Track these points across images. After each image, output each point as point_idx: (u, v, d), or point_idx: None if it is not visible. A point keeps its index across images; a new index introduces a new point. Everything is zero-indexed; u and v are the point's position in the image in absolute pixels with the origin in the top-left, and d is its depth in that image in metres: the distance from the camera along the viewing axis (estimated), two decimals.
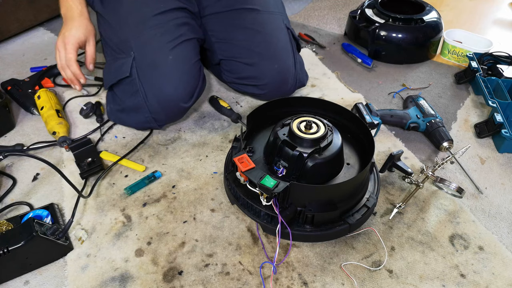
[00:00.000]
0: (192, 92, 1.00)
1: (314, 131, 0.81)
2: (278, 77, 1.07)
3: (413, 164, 1.00)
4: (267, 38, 1.06)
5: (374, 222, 0.86)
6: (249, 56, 1.06)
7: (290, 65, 1.09)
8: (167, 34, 0.97)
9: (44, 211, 0.80)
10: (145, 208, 0.87)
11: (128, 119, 1.03)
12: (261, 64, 1.06)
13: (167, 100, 0.96)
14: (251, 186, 0.80)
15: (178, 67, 0.97)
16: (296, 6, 1.81)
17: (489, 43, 1.39)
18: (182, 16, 1.01)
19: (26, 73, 1.27)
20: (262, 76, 1.07)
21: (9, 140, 1.04)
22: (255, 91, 1.11)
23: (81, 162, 0.94)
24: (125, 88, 0.99)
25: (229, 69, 1.11)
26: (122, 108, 1.02)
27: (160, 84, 0.95)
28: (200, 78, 1.03)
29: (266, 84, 1.08)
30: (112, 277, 0.74)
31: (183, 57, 0.99)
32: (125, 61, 0.97)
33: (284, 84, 1.09)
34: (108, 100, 1.07)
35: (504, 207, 0.91)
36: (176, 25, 0.99)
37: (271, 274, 0.75)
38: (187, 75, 0.99)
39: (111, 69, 1.01)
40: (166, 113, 0.99)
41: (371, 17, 1.44)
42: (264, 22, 1.06)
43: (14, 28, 1.45)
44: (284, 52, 1.08)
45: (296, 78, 1.11)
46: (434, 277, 0.76)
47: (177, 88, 0.97)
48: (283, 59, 1.07)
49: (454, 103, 1.23)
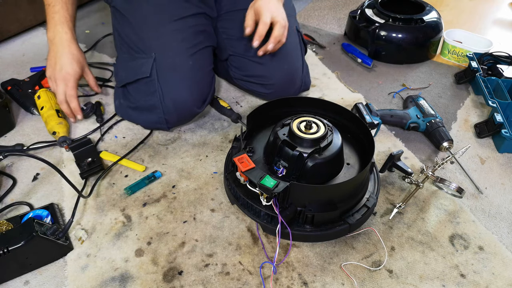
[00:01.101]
0: (205, 98, 1.04)
1: (314, 131, 0.81)
2: (286, 78, 1.08)
3: (413, 164, 1.00)
4: None
5: (374, 222, 0.86)
6: None
7: (299, 67, 1.10)
8: (186, 40, 1.00)
9: (44, 211, 0.80)
10: (145, 208, 0.87)
11: (139, 117, 1.05)
12: (271, 64, 1.06)
13: (183, 103, 0.99)
14: (251, 186, 0.80)
15: (196, 73, 1.00)
16: (296, 6, 1.79)
17: (489, 43, 1.39)
18: (200, 23, 1.03)
19: (26, 73, 1.27)
20: (270, 76, 1.08)
21: (9, 140, 1.04)
22: (261, 89, 1.12)
23: (81, 162, 0.94)
24: (141, 87, 1.00)
25: (237, 66, 1.12)
26: (135, 106, 1.03)
27: (178, 88, 0.98)
28: (213, 86, 1.07)
29: (274, 84, 1.08)
30: (112, 277, 0.74)
31: (201, 64, 1.02)
32: (145, 62, 0.98)
33: (291, 86, 1.10)
34: (118, 95, 1.08)
35: (504, 207, 0.91)
36: (195, 32, 1.02)
37: (271, 274, 0.75)
38: (202, 81, 1.02)
39: (128, 67, 1.02)
40: (178, 116, 1.01)
41: (371, 17, 1.44)
42: None
43: (14, 28, 1.45)
44: (294, 53, 1.09)
45: (302, 81, 1.12)
46: (434, 277, 0.76)
47: (192, 93, 0.99)
48: (293, 60, 1.09)
49: (454, 103, 1.23)
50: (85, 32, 1.51)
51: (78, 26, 1.05)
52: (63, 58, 0.98)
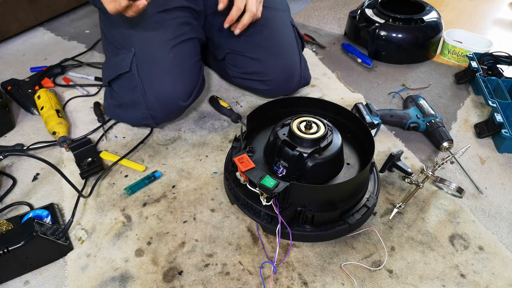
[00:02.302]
0: (191, 91, 1.01)
1: (314, 131, 0.81)
2: (284, 73, 1.07)
3: (413, 164, 1.00)
4: (274, 33, 1.06)
5: (374, 222, 0.86)
6: (256, 50, 1.06)
7: (296, 62, 1.09)
8: (168, 32, 0.97)
9: (44, 211, 0.80)
10: (145, 208, 0.87)
11: (125, 114, 1.03)
12: (268, 60, 1.06)
13: (166, 97, 0.96)
14: (251, 186, 0.80)
15: (178, 65, 0.97)
16: (296, 6, 1.81)
17: (489, 43, 1.39)
18: (184, 15, 1.01)
19: (26, 73, 1.27)
20: (268, 71, 1.07)
21: (9, 140, 1.04)
22: (260, 86, 1.11)
23: (81, 162, 0.94)
24: (124, 83, 0.98)
25: (234, 64, 1.11)
26: (119, 103, 1.01)
27: (159, 81, 0.95)
28: (200, 78, 1.04)
29: (272, 80, 1.07)
30: (112, 277, 0.74)
31: (184, 55, 0.99)
32: (125, 56, 0.96)
33: (290, 81, 1.09)
34: (106, 96, 1.06)
35: (504, 207, 0.91)
36: (178, 24, 0.99)
37: (271, 274, 0.75)
38: (187, 73, 0.99)
39: (111, 64, 1.01)
40: (163, 111, 0.98)
41: (371, 17, 1.44)
42: (271, 18, 1.06)
43: (14, 28, 1.45)
44: (291, 48, 1.08)
45: (301, 76, 1.11)
46: (434, 277, 0.76)
47: (176, 86, 0.97)
48: (289, 55, 1.08)
49: (454, 103, 1.23)
50: (85, 32, 1.51)
51: (78, 26, 1.05)
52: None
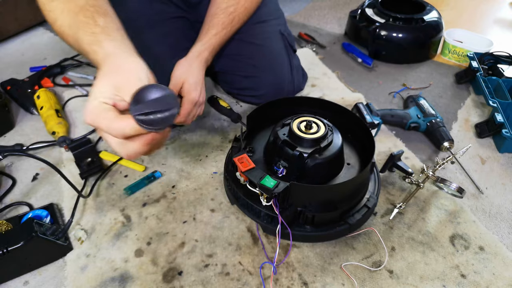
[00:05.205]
0: None
1: (314, 131, 0.81)
2: (274, 87, 1.08)
3: (413, 164, 1.00)
4: (261, 49, 1.06)
5: (374, 222, 0.86)
6: (244, 68, 1.06)
7: (286, 73, 1.09)
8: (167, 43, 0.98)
9: (44, 211, 0.80)
10: (144, 208, 0.87)
11: None
12: (257, 76, 1.06)
13: None
14: (251, 186, 0.80)
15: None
16: (296, 5, 1.80)
17: (490, 42, 1.39)
18: (180, 26, 1.02)
19: (26, 73, 1.27)
20: (258, 87, 1.08)
21: (8, 140, 1.04)
22: (253, 100, 1.14)
23: (80, 162, 0.94)
24: None
25: (225, 80, 1.13)
26: None
27: None
28: None
29: (263, 94, 1.09)
30: (111, 277, 0.74)
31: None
32: None
33: (281, 94, 1.09)
34: None
35: (504, 207, 0.91)
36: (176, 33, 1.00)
37: (271, 274, 0.75)
38: None
39: None
40: None
41: (371, 17, 1.43)
42: (257, 33, 1.05)
43: (13, 28, 1.45)
44: (279, 61, 1.08)
45: (294, 84, 1.11)
46: (434, 277, 0.76)
47: None
48: (278, 69, 1.07)
49: (455, 103, 1.23)
50: None
51: None
52: None
